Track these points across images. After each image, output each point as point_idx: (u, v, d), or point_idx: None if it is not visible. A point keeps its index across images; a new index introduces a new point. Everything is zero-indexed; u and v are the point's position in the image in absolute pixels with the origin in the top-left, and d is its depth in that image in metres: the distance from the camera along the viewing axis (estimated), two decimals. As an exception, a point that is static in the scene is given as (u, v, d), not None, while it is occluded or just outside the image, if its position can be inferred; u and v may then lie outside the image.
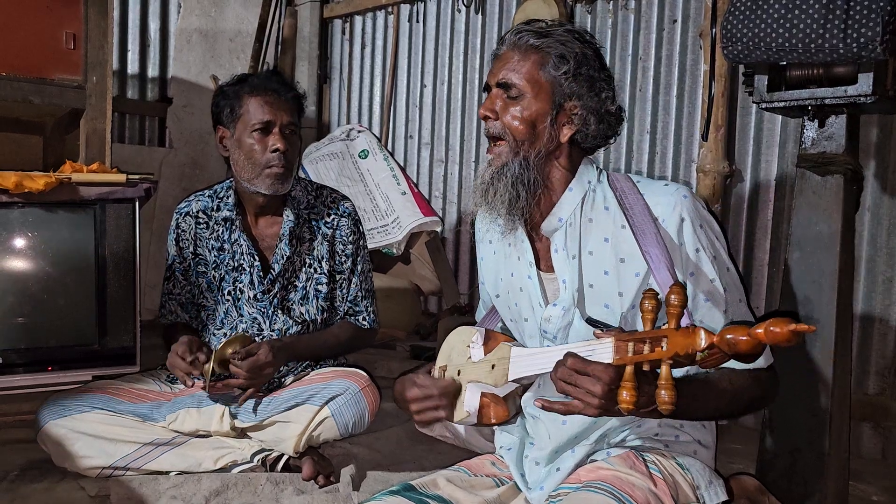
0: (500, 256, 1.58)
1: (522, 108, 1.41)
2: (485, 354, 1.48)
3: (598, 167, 1.50)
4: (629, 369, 1.16)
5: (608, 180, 1.47)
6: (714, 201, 2.97)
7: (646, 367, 1.17)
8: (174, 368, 2.02)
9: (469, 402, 1.45)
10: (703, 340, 1.10)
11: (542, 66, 1.41)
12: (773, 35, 1.84)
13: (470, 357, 1.50)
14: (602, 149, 1.53)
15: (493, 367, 1.45)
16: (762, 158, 2.99)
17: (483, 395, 1.44)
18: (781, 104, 1.97)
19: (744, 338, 1.05)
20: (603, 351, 1.21)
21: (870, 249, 2.65)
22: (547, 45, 1.41)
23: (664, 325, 1.16)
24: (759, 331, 1.03)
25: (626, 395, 1.15)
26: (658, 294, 1.18)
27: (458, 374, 1.51)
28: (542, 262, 1.50)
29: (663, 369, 1.13)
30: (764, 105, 2.00)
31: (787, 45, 1.82)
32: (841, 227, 1.92)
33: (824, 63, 1.85)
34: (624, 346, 1.18)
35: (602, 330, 1.28)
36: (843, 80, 1.86)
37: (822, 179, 1.95)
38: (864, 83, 1.81)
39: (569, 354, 1.22)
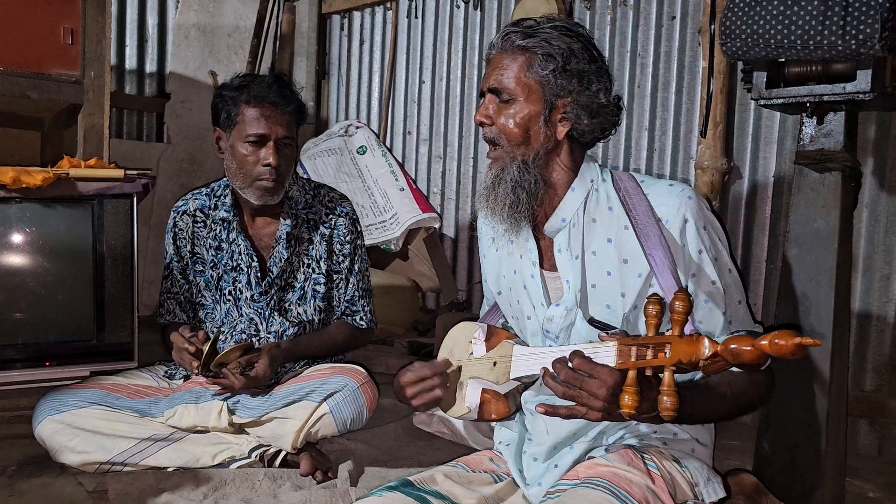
0: (503, 254, 1.58)
1: (515, 112, 1.41)
2: (487, 351, 1.48)
3: (601, 165, 1.50)
4: (632, 374, 1.16)
5: (612, 179, 1.46)
6: (712, 198, 2.97)
7: (648, 373, 1.17)
8: (176, 345, 2.04)
9: (470, 397, 1.45)
10: (706, 349, 1.10)
11: (529, 66, 1.40)
12: (772, 31, 1.84)
13: (472, 353, 1.50)
14: (603, 141, 1.52)
15: (494, 364, 1.45)
16: (760, 155, 2.99)
17: (484, 391, 1.45)
18: (780, 101, 1.97)
19: (748, 348, 1.05)
20: (605, 354, 1.21)
21: (867, 246, 2.65)
22: (533, 45, 1.40)
23: (668, 330, 1.16)
24: (764, 343, 1.03)
25: (628, 400, 1.15)
26: (662, 299, 1.18)
27: (460, 370, 1.51)
28: (545, 260, 1.50)
29: (666, 375, 1.13)
30: (762, 102, 2.00)
31: (785, 41, 1.82)
32: (839, 224, 1.92)
33: (823, 60, 1.85)
34: (627, 351, 1.18)
35: (607, 333, 1.28)
36: (841, 77, 1.85)
37: (821, 176, 1.95)
38: (863, 80, 1.81)
39: (575, 354, 1.22)
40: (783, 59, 1.91)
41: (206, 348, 2.00)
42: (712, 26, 2.78)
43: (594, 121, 1.43)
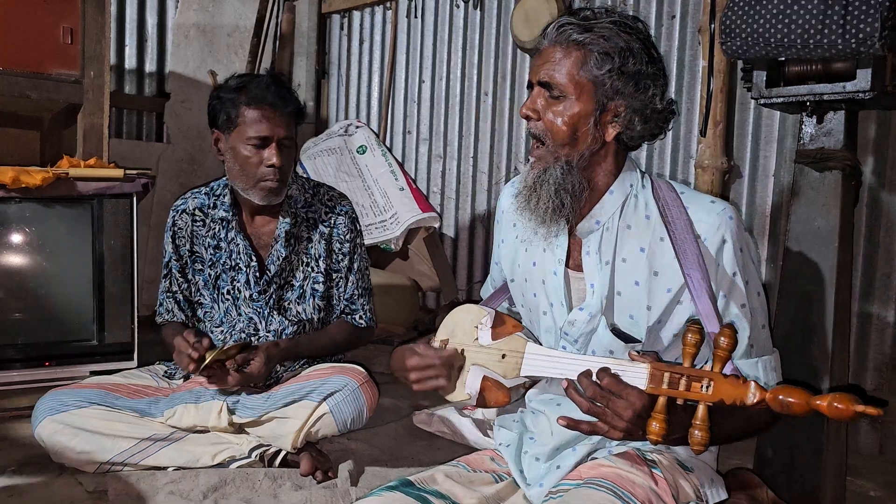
0: (523, 242, 1.54)
1: (564, 109, 1.36)
2: (493, 339, 1.45)
3: (641, 171, 1.46)
4: (662, 400, 1.14)
5: (652, 187, 1.42)
6: (712, 197, 2.96)
7: (680, 402, 1.15)
8: (179, 349, 2.01)
9: (471, 384, 1.44)
10: (753, 396, 1.08)
11: (584, 63, 1.34)
12: (772, 30, 1.84)
13: (477, 339, 1.47)
14: (650, 143, 1.47)
15: (503, 356, 1.43)
16: (761, 154, 2.99)
17: (485, 378, 1.43)
18: (780, 100, 1.97)
19: (798, 402, 1.03)
20: (635, 375, 1.18)
21: (868, 245, 2.65)
22: (590, 41, 1.33)
23: (708, 361, 1.14)
24: (821, 403, 1.01)
25: (655, 427, 1.13)
26: (703, 329, 1.15)
27: (462, 353, 1.49)
28: (571, 259, 1.47)
29: (701, 410, 1.11)
30: (762, 101, 2.00)
31: (785, 40, 1.82)
32: (839, 223, 1.92)
33: (823, 58, 1.85)
34: (659, 376, 1.16)
35: (638, 353, 1.25)
36: (841, 76, 1.85)
37: (821, 175, 1.95)
38: (863, 79, 1.81)
39: (604, 372, 1.20)
40: (783, 58, 1.91)
41: (209, 356, 1.98)
42: (712, 25, 2.78)
43: (646, 126, 1.38)
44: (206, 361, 1.97)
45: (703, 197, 1.40)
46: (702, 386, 1.11)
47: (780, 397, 1.04)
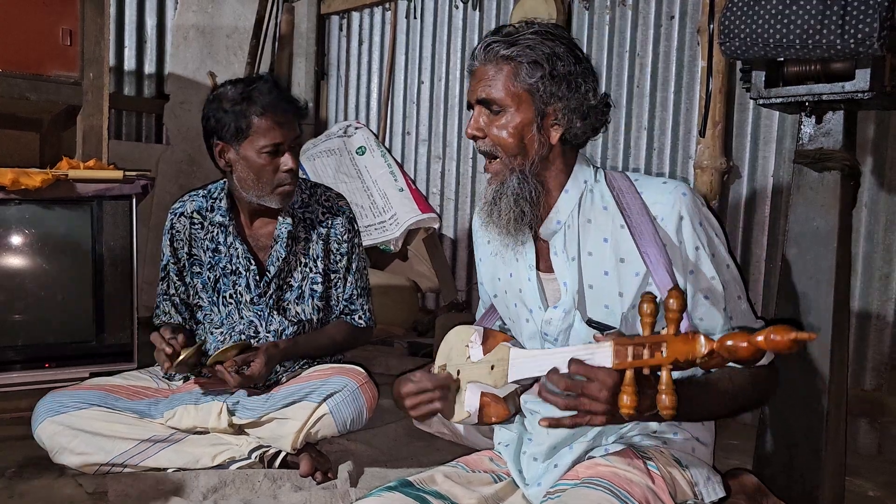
0: (498, 257, 1.58)
1: (507, 122, 1.42)
2: (483, 354, 1.48)
3: (594, 166, 1.50)
4: (629, 374, 1.15)
5: (606, 179, 1.47)
6: (711, 198, 2.97)
7: (646, 372, 1.16)
8: (155, 344, 2.03)
9: (469, 402, 1.45)
10: (703, 347, 1.10)
11: (516, 75, 1.40)
12: (771, 31, 1.84)
13: (469, 357, 1.49)
14: (596, 140, 1.52)
15: (492, 367, 1.45)
16: (760, 154, 2.99)
17: (483, 394, 1.44)
18: (779, 100, 1.97)
19: (743, 344, 1.05)
20: (602, 355, 1.20)
21: (867, 245, 2.65)
22: (517, 54, 1.40)
23: (664, 328, 1.16)
24: (760, 339, 1.02)
25: (627, 400, 1.14)
26: (657, 297, 1.18)
27: (458, 374, 1.51)
28: (541, 262, 1.50)
29: (664, 374, 1.12)
30: (761, 101, 2.00)
31: (784, 40, 1.82)
32: (838, 224, 1.92)
33: (822, 59, 1.85)
34: (623, 351, 1.17)
35: (603, 333, 1.27)
36: (840, 76, 1.85)
37: (820, 175, 1.95)
38: (862, 79, 1.81)
39: (574, 362, 1.21)
40: (782, 59, 1.91)
41: (185, 353, 1.98)
42: (711, 26, 2.78)
43: (585, 122, 1.43)
44: (183, 357, 1.97)
45: (656, 180, 1.44)
46: (661, 351, 1.13)
47: (728, 343, 1.06)
